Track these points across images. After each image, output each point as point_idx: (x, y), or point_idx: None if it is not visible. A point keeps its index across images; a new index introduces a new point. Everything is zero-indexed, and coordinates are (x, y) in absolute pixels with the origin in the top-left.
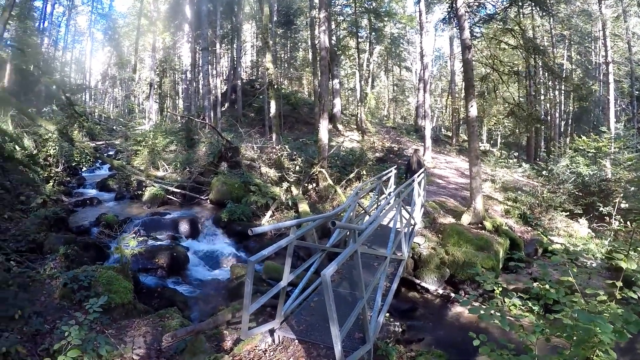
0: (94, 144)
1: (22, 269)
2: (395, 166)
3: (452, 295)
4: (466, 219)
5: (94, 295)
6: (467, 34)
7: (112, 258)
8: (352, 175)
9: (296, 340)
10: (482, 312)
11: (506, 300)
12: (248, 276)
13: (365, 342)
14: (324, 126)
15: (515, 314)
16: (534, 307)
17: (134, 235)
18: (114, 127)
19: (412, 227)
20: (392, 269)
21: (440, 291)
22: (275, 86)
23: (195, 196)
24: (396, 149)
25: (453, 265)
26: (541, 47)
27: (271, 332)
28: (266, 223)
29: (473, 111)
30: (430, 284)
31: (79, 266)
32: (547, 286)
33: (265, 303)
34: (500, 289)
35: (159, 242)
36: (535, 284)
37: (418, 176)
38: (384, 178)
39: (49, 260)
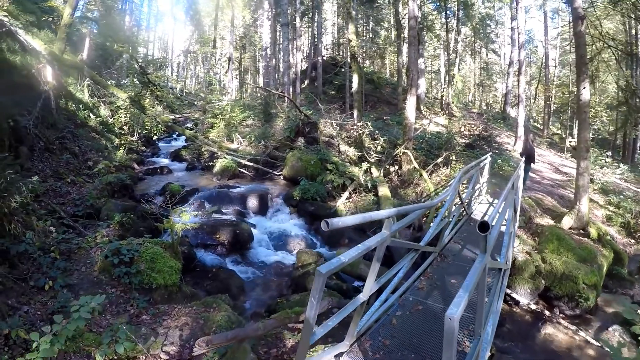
0: (173, 117)
1: (69, 235)
2: (490, 153)
3: (547, 313)
4: (567, 222)
5: (135, 272)
6: (579, 1)
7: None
8: (439, 160)
9: None
10: None
11: None
12: (312, 294)
13: None
14: (411, 103)
15: None
16: None
17: (187, 208)
18: (195, 102)
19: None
20: (492, 279)
21: (533, 306)
22: (358, 58)
23: (268, 171)
24: (486, 135)
25: (550, 277)
26: None
27: (337, 356)
28: (342, 205)
29: (586, 94)
30: (522, 295)
31: (134, 236)
32: None
33: (334, 304)
34: None
35: (223, 217)
36: None
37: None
38: (480, 165)
39: (101, 227)
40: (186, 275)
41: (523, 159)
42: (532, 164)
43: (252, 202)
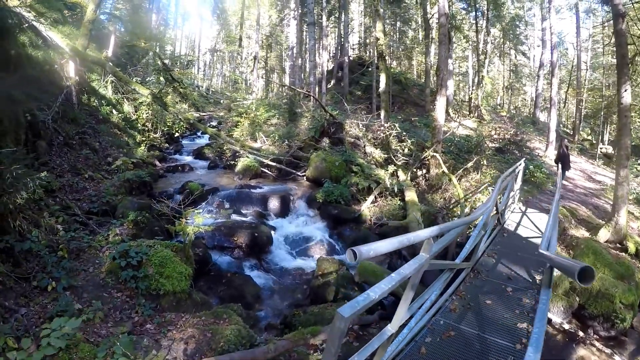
0: (198, 114)
1: (79, 233)
2: (524, 159)
3: (580, 333)
4: (604, 234)
5: (143, 277)
6: None
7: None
8: (469, 165)
9: None
10: None
11: None
12: (330, 340)
13: None
14: (441, 104)
15: None
16: None
17: (201, 210)
18: (221, 100)
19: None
20: (530, 300)
21: (566, 326)
22: (386, 57)
23: (291, 171)
24: (518, 139)
25: (584, 294)
26: None
27: None
28: (366, 209)
29: (627, 97)
30: (555, 314)
31: (149, 235)
32: None
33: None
34: None
35: (242, 218)
36: None
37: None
38: (515, 172)
39: (114, 225)
40: (199, 280)
41: (559, 166)
42: (566, 171)
43: (274, 204)
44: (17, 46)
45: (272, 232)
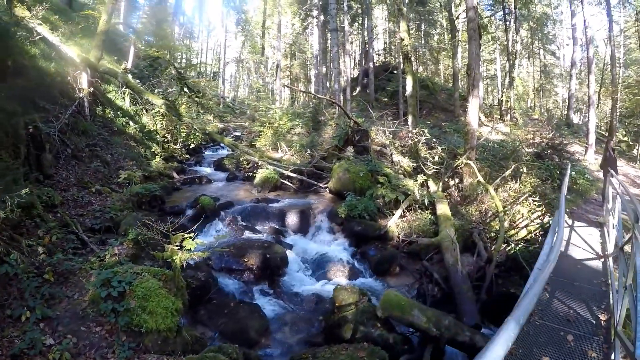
0: (222, 125)
1: (67, 255)
2: (569, 165)
3: None
4: None
5: (124, 311)
6: None
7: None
8: (507, 173)
9: None
10: None
11: None
12: None
13: None
14: (473, 106)
15: None
16: None
17: (192, 234)
18: (247, 110)
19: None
20: (598, 354)
21: None
22: (411, 58)
23: (313, 183)
24: (557, 143)
25: None
26: None
27: None
28: (394, 225)
29: None
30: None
31: (149, 257)
32: None
33: None
34: None
35: (255, 236)
36: None
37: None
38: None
39: (111, 245)
40: (200, 308)
41: (608, 172)
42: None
43: (292, 219)
44: (20, 56)
45: (288, 252)
